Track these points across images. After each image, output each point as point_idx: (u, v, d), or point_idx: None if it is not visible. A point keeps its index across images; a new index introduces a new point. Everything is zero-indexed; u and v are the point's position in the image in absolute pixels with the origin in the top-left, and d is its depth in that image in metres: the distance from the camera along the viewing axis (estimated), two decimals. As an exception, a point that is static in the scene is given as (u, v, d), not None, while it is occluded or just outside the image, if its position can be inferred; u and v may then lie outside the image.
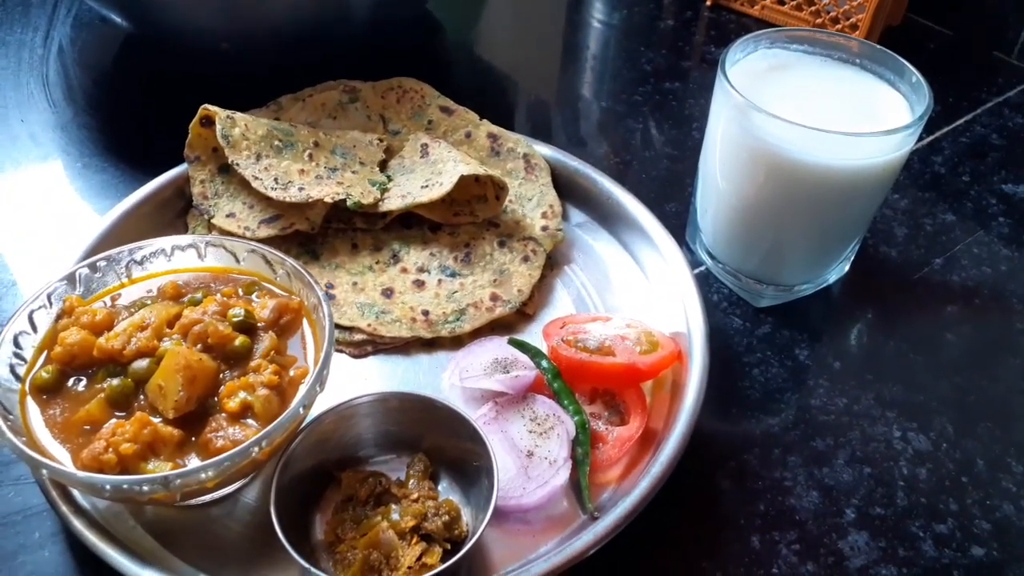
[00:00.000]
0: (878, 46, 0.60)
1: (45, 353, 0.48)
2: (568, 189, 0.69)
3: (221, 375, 0.47)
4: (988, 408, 0.58)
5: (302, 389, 0.46)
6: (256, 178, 0.62)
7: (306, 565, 0.43)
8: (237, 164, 0.62)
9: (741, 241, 0.63)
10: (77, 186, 0.73)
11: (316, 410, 0.48)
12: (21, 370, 0.47)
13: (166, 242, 0.54)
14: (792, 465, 0.54)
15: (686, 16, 0.98)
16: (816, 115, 0.54)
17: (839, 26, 0.89)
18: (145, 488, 0.42)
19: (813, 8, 0.91)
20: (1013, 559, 0.50)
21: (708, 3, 0.98)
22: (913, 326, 0.63)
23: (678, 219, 0.70)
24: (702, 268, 0.67)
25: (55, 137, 0.77)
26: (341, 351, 0.58)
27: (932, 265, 0.68)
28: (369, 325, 0.58)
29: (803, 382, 0.59)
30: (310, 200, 0.61)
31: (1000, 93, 0.86)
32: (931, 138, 0.80)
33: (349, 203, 0.62)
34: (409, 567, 0.45)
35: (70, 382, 0.47)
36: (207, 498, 0.49)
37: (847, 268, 0.66)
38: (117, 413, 0.45)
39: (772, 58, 0.61)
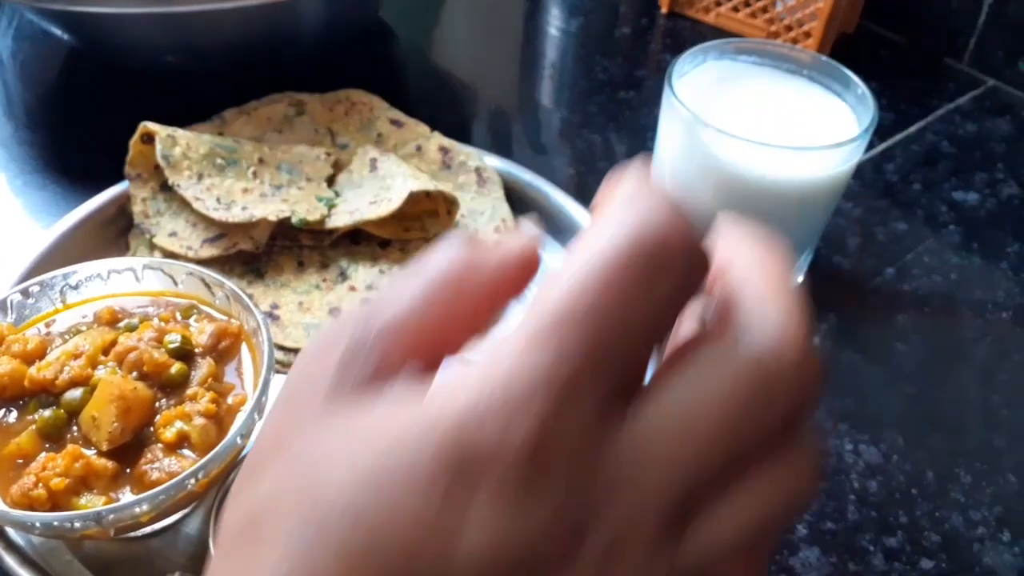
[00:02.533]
0: (824, 57, 0.60)
1: (-27, 385, 0.46)
2: (521, 202, 0.68)
3: (157, 404, 0.46)
4: (938, 419, 0.58)
5: (239, 418, 0.45)
6: (198, 199, 0.60)
7: (245, 599, 0.41)
8: (178, 185, 0.61)
9: (692, 254, 0.62)
10: (18, 204, 0.71)
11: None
12: (-52, 403, 0.46)
13: (102, 266, 0.52)
14: (744, 481, 0.54)
15: (642, 24, 0.98)
16: (764, 128, 0.54)
17: (792, 34, 0.90)
18: (77, 524, 0.41)
19: (767, 16, 0.91)
20: (961, 571, 0.50)
21: (664, 11, 0.98)
22: (866, 336, 0.64)
23: (632, 231, 0.69)
24: (655, 281, 0.66)
25: (-5, 154, 0.75)
26: (286, 373, 0.57)
27: (884, 274, 0.68)
28: (316, 346, 0.57)
29: (755, 395, 0.59)
30: (254, 220, 0.60)
31: (951, 100, 0.87)
32: (883, 146, 0.81)
33: (294, 220, 0.61)
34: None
35: (0, 414, 0.46)
36: (146, 530, 0.48)
37: (800, 279, 0.66)
38: (48, 446, 0.44)
39: (721, 70, 0.61)
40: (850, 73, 0.58)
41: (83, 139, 0.77)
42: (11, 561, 0.45)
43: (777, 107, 0.59)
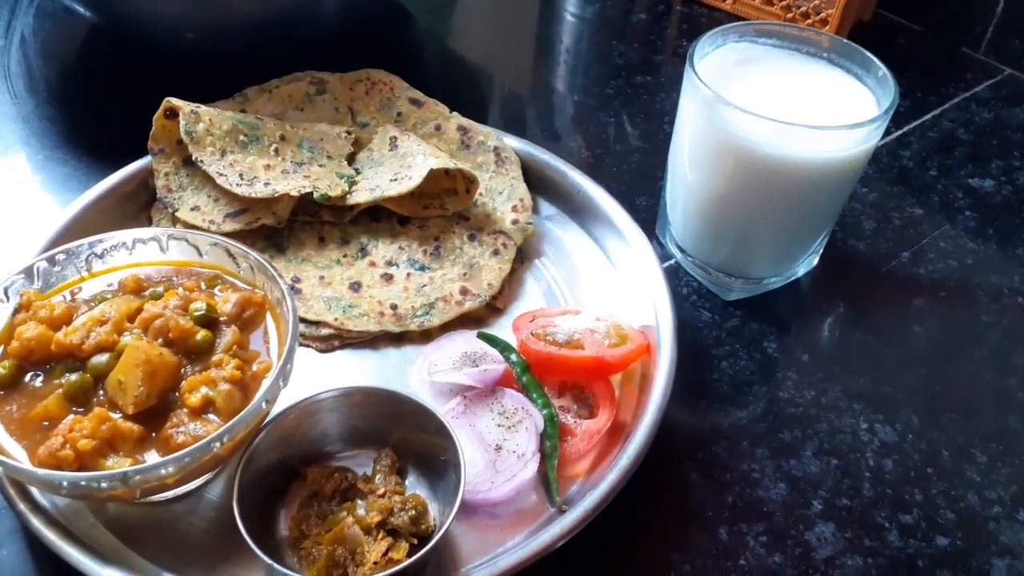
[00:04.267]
0: (845, 40, 0.60)
1: (1, 348, 0.47)
2: (538, 182, 0.69)
3: (182, 370, 0.46)
4: (953, 399, 0.59)
5: (265, 384, 0.45)
6: (221, 175, 0.61)
7: (270, 561, 0.42)
8: (201, 161, 0.61)
9: (710, 234, 0.63)
10: (39, 178, 0.71)
11: (281, 405, 0.48)
12: (-24, 366, 0.46)
13: (127, 235, 0.53)
14: (760, 457, 0.54)
15: (658, 10, 0.98)
16: (784, 109, 0.54)
17: (809, 21, 0.90)
18: (103, 485, 0.41)
19: (784, 3, 0.91)
20: (976, 548, 0.50)
21: (680, -3, 0.98)
22: (881, 319, 0.64)
23: (649, 212, 0.70)
24: (672, 261, 0.67)
25: (16, 129, 0.75)
26: (308, 345, 0.58)
27: (900, 258, 0.68)
28: (336, 319, 0.58)
29: (771, 374, 0.59)
30: (276, 195, 0.60)
31: (968, 88, 0.87)
32: (899, 132, 0.81)
33: (316, 196, 0.61)
34: (375, 562, 0.44)
35: (27, 378, 0.46)
36: (169, 494, 0.48)
37: (816, 261, 0.66)
38: (75, 409, 0.44)
39: (741, 52, 0.61)
40: (871, 55, 0.58)
41: (104, 115, 0.77)
42: (37, 522, 0.46)
43: (797, 89, 0.59)
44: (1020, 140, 0.81)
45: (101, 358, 0.46)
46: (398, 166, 0.65)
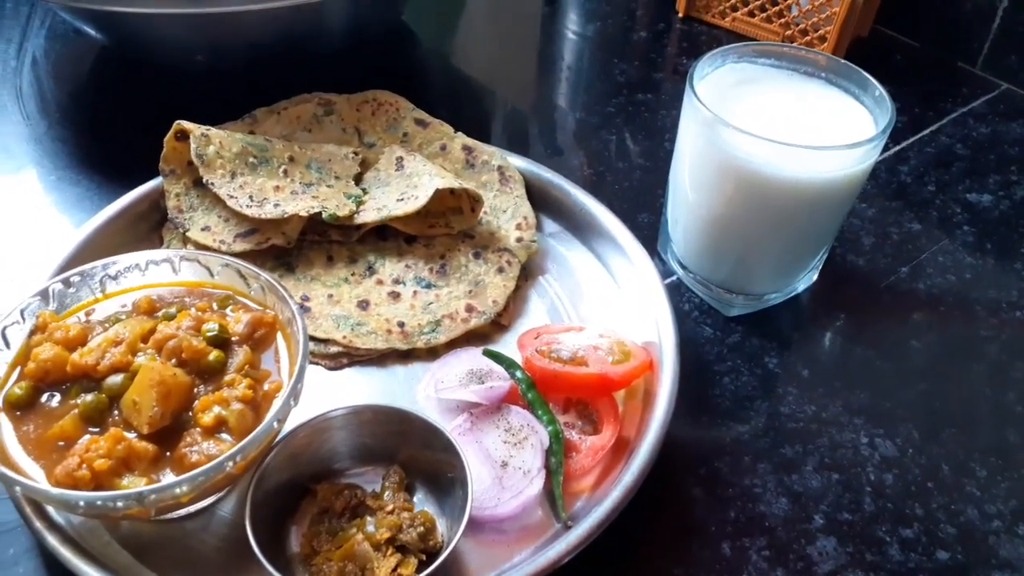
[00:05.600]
0: (843, 60, 0.61)
1: (18, 369, 0.48)
2: (542, 200, 0.70)
3: (195, 390, 0.47)
4: (953, 414, 0.59)
5: (276, 403, 0.46)
6: (231, 196, 0.62)
7: (281, 578, 0.43)
8: (212, 183, 0.63)
9: (711, 252, 0.64)
10: (52, 198, 0.72)
11: (291, 423, 0.49)
12: (-6, 387, 0.47)
13: (140, 257, 0.54)
14: (762, 472, 0.55)
15: (658, 28, 0.99)
16: (783, 129, 0.55)
17: (808, 38, 0.91)
18: (119, 504, 0.42)
19: (783, 20, 0.93)
20: (977, 563, 0.51)
21: (680, 15, 0.99)
22: (880, 334, 0.65)
23: (650, 230, 0.71)
24: (673, 278, 0.68)
25: (28, 150, 0.77)
26: (316, 363, 0.59)
27: (899, 273, 0.69)
28: (344, 337, 0.59)
29: (772, 390, 0.60)
30: (286, 216, 0.61)
31: (965, 103, 0.88)
32: (897, 148, 0.82)
33: (325, 215, 0.63)
34: (384, 578, 0.45)
35: (43, 398, 0.47)
36: (182, 512, 0.49)
37: (815, 277, 0.67)
38: (91, 429, 0.45)
39: (740, 72, 0.63)
40: (868, 75, 0.59)
41: (115, 136, 0.79)
42: (53, 540, 0.47)
43: (796, 109, 0.60)
44: (1017, 155, 0.82)
45: (116, 378, 0.47)
46: (404, 186, 0.66)
